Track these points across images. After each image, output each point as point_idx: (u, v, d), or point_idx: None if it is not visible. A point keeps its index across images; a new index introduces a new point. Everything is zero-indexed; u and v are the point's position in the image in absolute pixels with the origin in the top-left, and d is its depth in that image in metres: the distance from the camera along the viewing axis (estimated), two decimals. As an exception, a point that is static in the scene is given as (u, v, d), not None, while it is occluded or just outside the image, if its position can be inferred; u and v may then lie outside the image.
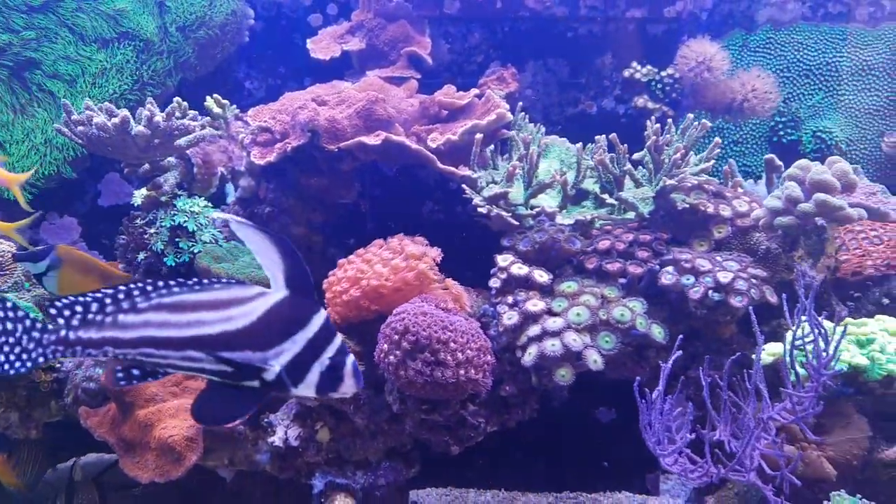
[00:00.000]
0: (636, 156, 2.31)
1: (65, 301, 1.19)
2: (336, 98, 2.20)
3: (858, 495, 1.75)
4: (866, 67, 3.09)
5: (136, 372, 1.22)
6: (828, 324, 1.93)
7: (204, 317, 1.16)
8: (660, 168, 2.15)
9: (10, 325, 1.19)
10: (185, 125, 1.99)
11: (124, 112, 1.88)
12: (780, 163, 2.36)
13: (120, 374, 1.22)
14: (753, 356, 1.83)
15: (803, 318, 1.88)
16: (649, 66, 2.81)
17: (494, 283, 2.09)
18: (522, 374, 2.07)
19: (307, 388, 1.19)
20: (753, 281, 1.97)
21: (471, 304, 2.18)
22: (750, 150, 3.15)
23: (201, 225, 2.23)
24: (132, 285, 1.20)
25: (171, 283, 1.19)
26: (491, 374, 1.89)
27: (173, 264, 2.23)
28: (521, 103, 2.40)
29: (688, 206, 2.09)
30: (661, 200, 2.17)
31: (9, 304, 1.19)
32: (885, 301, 2.10)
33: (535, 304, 2.00)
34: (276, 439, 2.04)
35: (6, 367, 1.19)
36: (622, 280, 2.08)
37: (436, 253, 2.00)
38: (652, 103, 2.82)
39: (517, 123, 2.65)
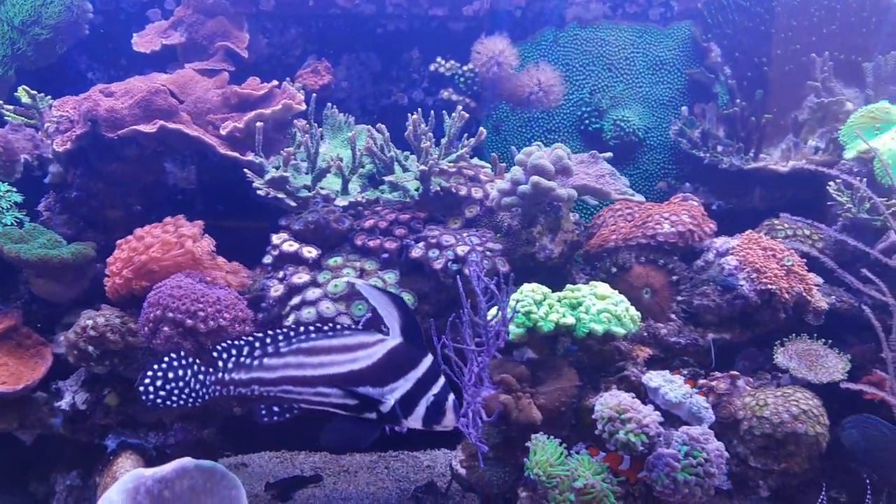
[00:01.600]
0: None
1: (222, 346, 1.46)
2: (122, 89, 2.38)
3: (553, 437, 2.04)
4: (659, 62, 3.42)
5: (275, 409, 1.48)
6: (585, 287, 2.22)
7: (334, 359, 1.41)
8: (423, 155, 2.41)
9: (181, 372, 1.47)
10: (-41, 116, 2.14)
11: None
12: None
13: (263, 412, 1.48)
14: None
15: (526, 285, 2.19)
16: (453, 62, 3.07)
17: (267, 259, 2.32)
18: (297, 341, 2.31)
19: (415, 420, 1.43)
20: (488, 253, 2.25)
21: (253, 279, 2.41)
22: (561, 138, 3.44)
23: (2, 208, 2.39)
24: (277, 331, 1.45)
25: (311, 328, 1.44)
26: (249, 340, 2.12)
27: (-25, 246, 2.38)
28: (314, 94, 2.62)
29: (439, 188, 2.36)
30: (427, 184, 2.43)
31: (181, 354, 1.49)
32: (614, 269, 2.41)
33: (301, 277, 2.24)
34: (64, 403, 2.23)
35: (180, 403, 1.48)
36: (385, 255, 2.33)
37: (208, 243, 2.21)
38: (456, 95, 3.07)
39: (324, 113, 2.87)
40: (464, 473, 2.25)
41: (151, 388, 1.49)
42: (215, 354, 1.46)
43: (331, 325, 1.44)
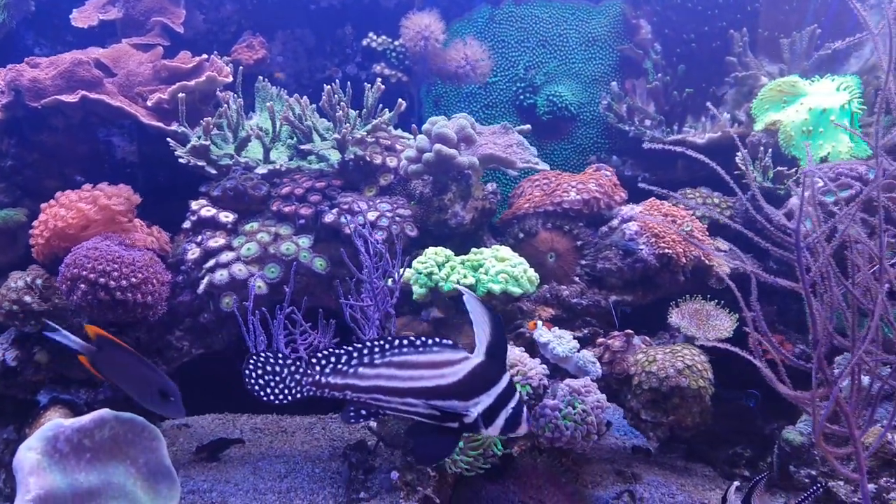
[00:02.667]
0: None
1: (323, 353, 1.59)
2: (48, 61, 2.47)
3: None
4: (591, 39, 3.51)
5: (363, 412, 1.60)
6: (488, 251, 2.34)
7: (423, 374, 1.53)
8: (337, 125, 2.51)
9: (278, 369, 1.59)
10: None
11: None
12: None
13: (352, 414, 1.60)
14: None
15: (430, 249, 2.29)
16: (384, 37, 3.15)
17: (186, 224, 2.43)
18: (216, 303, 2.43)
19: (494, 430, 1.55)
20: (397, 218, 2.36)
21: (177, 243, 2.52)
22: (499, 112, 3.54)
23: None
24: (371, 343, 1.57)
25: (404, 342, 1.56)
26: (163, 300, 2.24)
27: None
28: (241, 68, 2.71)
29: (353, 157, 2.46)
30: (343, 152, 2.54)
31: (280, 355, 1.60)
32: (521, 235, 2.53)
33: (217, 241, 2.35)
34: (-7, 361, 2.35)
35: (272, 398, 1.59)
36: (301, 220, 2.44)
37: (120, 200, 2.30)
38: (389, 70, 3.17)
39: (256, 86, 2.97)
40: (375, 426, 2.38)
41: (253, 375, 1.61)
42: (314, 360, 1.58)
43: (421, 340, 1.56)
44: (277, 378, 1.59)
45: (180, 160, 2.47)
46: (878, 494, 2.10)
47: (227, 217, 2.39)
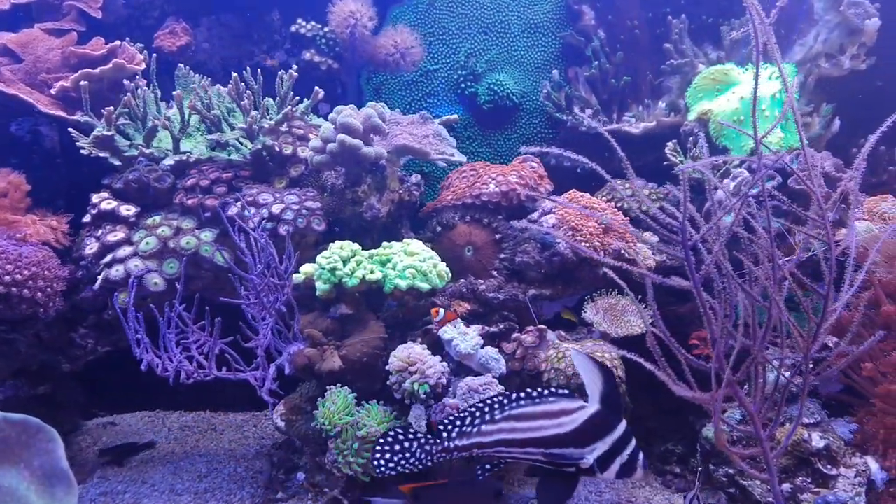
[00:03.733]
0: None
1: (449, 419, 1.71)
2: (-60, 49, 2.38)
3: (359, 389, 2.09)
4: (534, 26, 3.41)
5: (487, 466, 1.71)
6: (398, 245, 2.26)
7: (541, 424, 1.62)
8: (244, 114, 2.42)
9: (407, 444, 1.73)
10: None
11: None
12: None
13: (479, 471, 1.72)
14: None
15: (335, 243, 2.21)
16: (313, 23, 3.05)
17: (87, 217, 2.34)
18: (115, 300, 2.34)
19: (609, 474, 1.62)
20: (304, 212, 2.27)
21: (82, 237, 2.42)
22: (440, 101, 3.44)
23: None
24: (491, 401, 1.69)
25: (521, 395, 1.67)
26: (56, 296, 2.15)
27: None
28: (155, 55, 2.61)
29: (261, 146, 2.37)
30: (253, 142, 2.45)
31: (410, 430, 1.74)
32: (439, 228, 2.44)
33: (115, 235, 2.26)
34: None
35: (400, 469, 1.71)
36: (206, 213, 2.35)
37: (12, 185, 2.21)
38: (319, 57, 3.07)
39: (177, 74, 2.87)
40: (283, 426, 2.30)
41: (382, 461, 1.74)
42: (441, 427, 1.70)
43: (538, 391, 1.65)
44: (408, 454, 1.70)
45: (82, 151, 2.38)
46: (794, 494, 2.03)
47: (128, 210, 2.30)
